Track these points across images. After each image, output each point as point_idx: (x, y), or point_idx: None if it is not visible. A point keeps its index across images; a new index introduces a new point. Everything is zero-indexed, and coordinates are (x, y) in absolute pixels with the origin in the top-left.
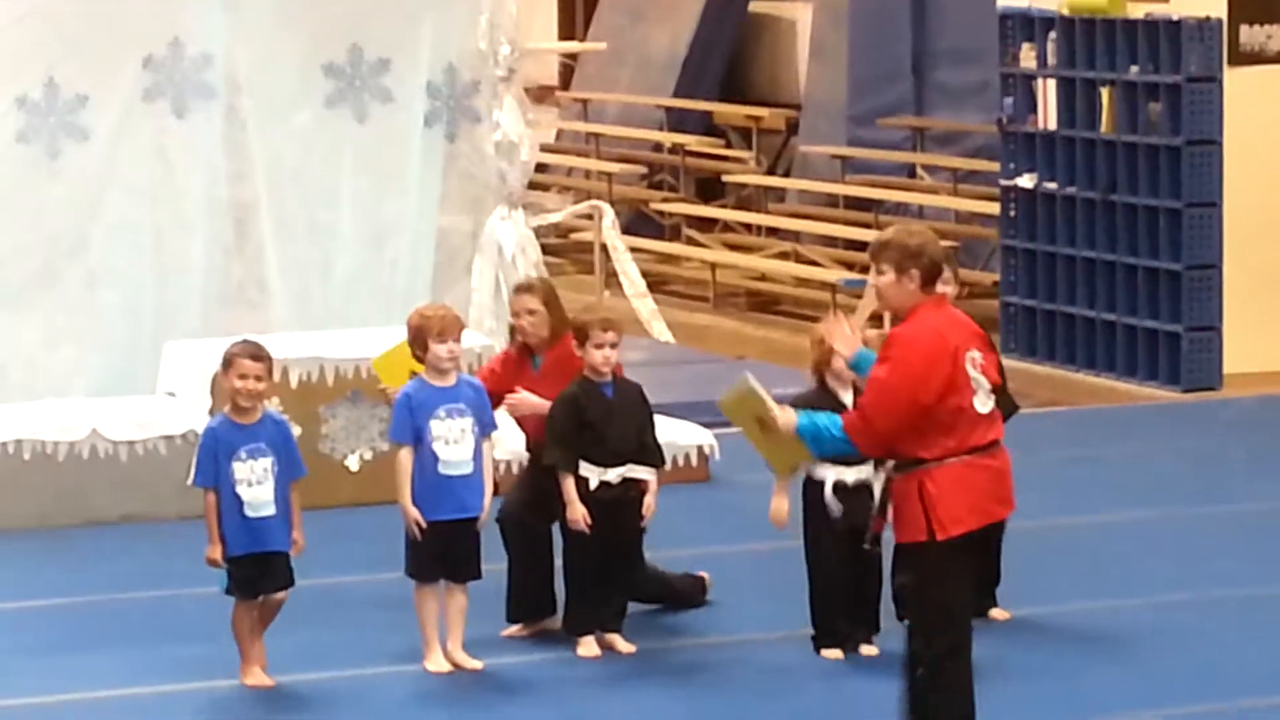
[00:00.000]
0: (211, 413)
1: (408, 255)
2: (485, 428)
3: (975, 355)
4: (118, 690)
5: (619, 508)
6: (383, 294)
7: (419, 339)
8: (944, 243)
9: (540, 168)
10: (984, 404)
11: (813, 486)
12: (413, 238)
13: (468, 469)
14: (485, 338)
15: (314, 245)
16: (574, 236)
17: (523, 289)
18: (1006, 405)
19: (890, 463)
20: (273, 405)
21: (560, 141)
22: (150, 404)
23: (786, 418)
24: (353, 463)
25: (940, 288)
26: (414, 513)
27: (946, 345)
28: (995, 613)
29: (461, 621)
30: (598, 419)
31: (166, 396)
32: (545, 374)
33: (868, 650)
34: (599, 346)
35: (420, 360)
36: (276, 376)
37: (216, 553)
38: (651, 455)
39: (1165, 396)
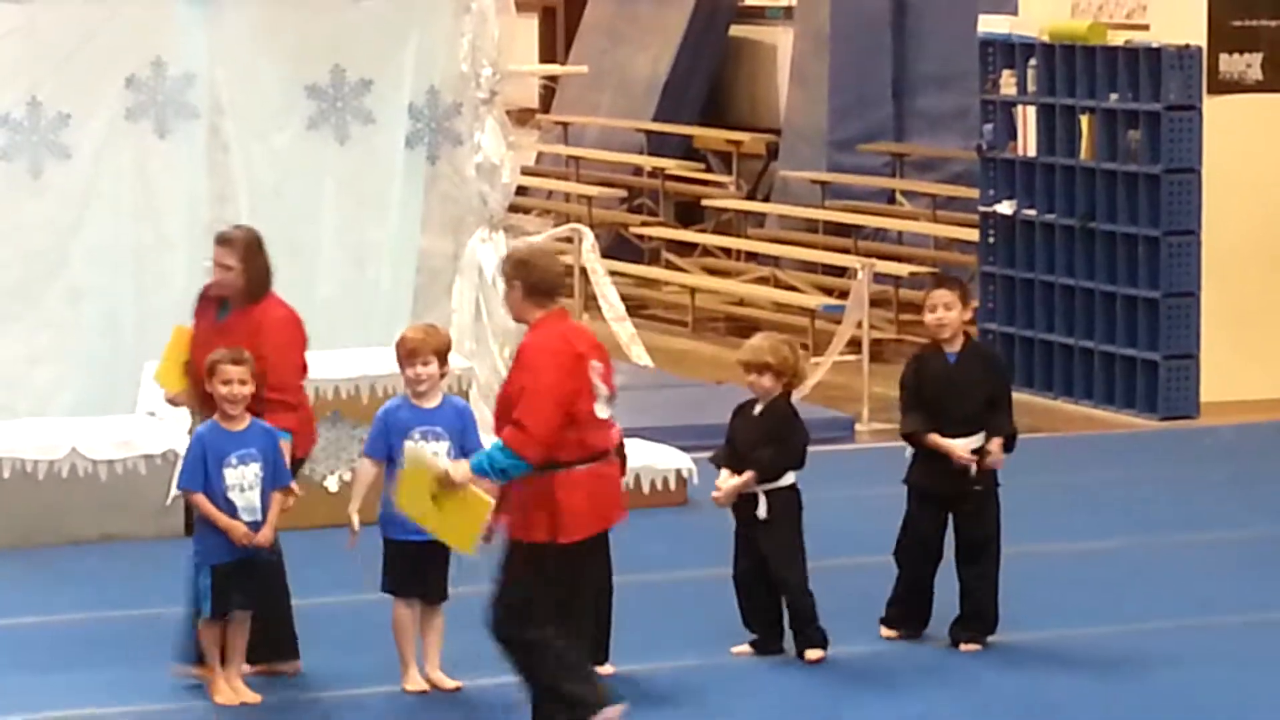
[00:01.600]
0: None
1: (389, 276)
2: (466, 451)
3: (597, 364)
4: (96, 709)
5: None
6: (364, 315)
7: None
8: (923, 270)
9: (520, 190)
10: (603, 410)
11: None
12: (394, 259)
13: None
14: (465, 360)
15: (295, 266)
16: None
17: (222, 241)
18: (1003, 427)
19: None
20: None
21: (540, 164)
22: (130, 423)
23: (460, 468)
24: (332, 483)
25: (936, 314)
26: (355, 522)
27: (574, 351)
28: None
29: (439, 642)
30: None
31: (147, 416)
32: (229, 328)
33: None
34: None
35: None
36: None
37: (241, 526)
38: None
39: (1143, 425)
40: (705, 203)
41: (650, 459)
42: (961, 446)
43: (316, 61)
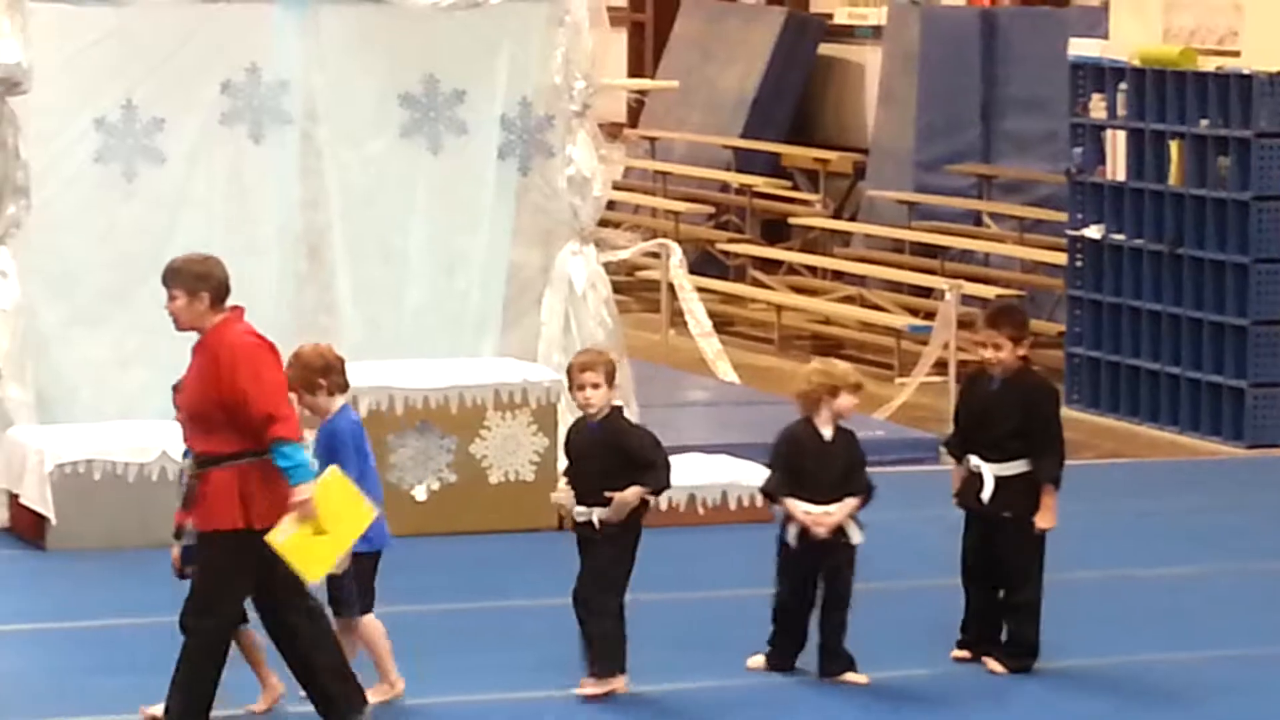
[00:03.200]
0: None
1: (478, 287)
2: None
3: None
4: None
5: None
6: (453, 325)
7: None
8: (1009, 292)
9: (609, 204)
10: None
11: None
12: (484, 270)
13: None
14: (554, 372)
15: (386, 274)
16: (640, 274)
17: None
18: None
19: (192, 457)
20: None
21: (628, 179)
22: None
23: (295, 495)
24: (420, 493)
25: (986, 352)
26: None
27: (270, 345)
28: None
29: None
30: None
31: None
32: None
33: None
34: (580, 388)
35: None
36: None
37: None
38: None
39: (1228, 452)
40: (792, 221)
41: (736, 475)
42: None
43: (410, 71)
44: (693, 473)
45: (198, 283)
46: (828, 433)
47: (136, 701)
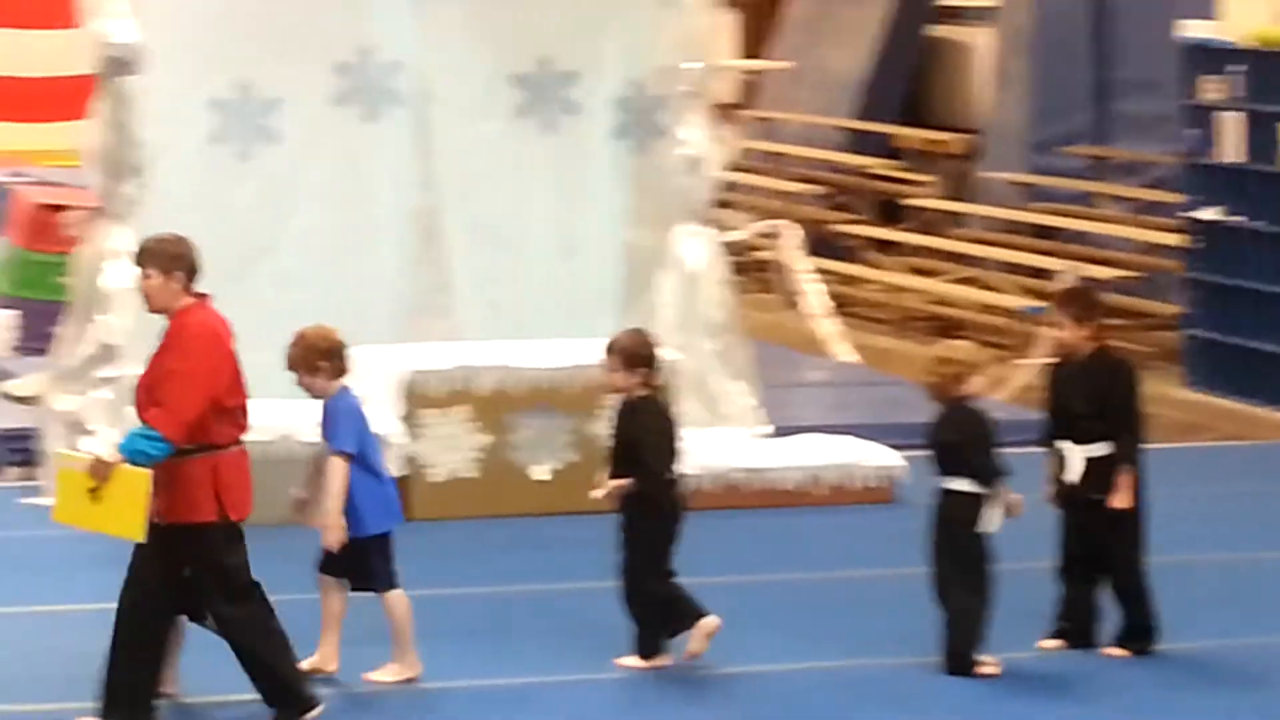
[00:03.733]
0: None
1: (594, 268)
2: None
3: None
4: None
5: None
6: (569, 305)
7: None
8: (1125, 274)
9: (723, 185)
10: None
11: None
12: (599, 250)
13: None
14: (672, 352)
15: (501, 255)
16: (756, 255)
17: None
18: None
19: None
20: None
21: (742, 160)
22: None
23: (110, 451)
24: (541, 472)
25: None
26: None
27: (225, 339)
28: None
29: None
30: None
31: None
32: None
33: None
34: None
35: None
36: (467, 385)
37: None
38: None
39: None
40: (906, 202)
41: (858, 456)
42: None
43: (524, 51)
44: (812, 453)
45: (172, 263)
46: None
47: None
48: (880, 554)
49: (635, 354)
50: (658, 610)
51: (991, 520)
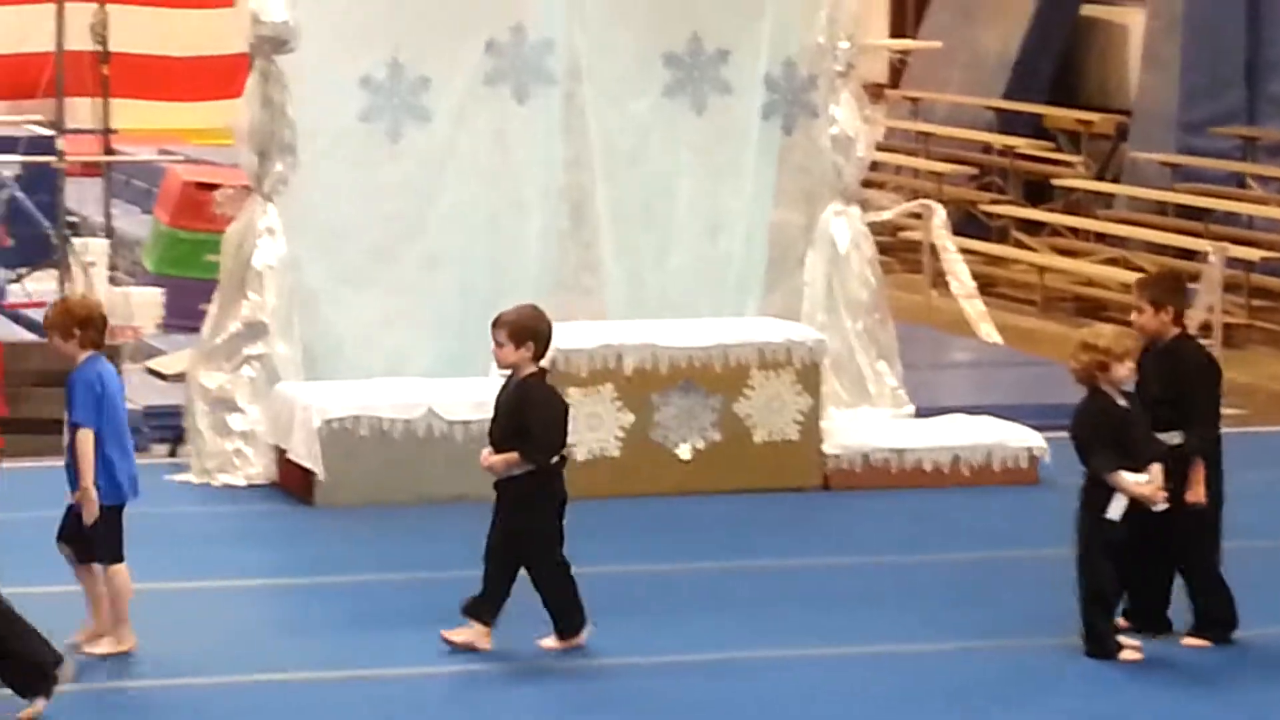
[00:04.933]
0: None
1: (741, 247)
2: None
3: None
4: (453, 667)
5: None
6: (716, 285)
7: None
8: (1271, 254)
9: (871, 165)
10: None
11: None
12: (746, 230)
13: None
14: (817, 332)
15: (648, 233)
16: (902, 235)
17: None
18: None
19: None
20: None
21: (890, 139)
22: (485, 385)
23: None
24: (684, 451)
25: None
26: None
27: None
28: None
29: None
30: None
31: (500, 378)
32: None
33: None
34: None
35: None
36: (611, 364)
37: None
38: None
39: None
40: (1054, 182)
41: (1001, 436)
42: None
43: (674, 30)
44: (956, 434)
45: None
46: (1122, 401)
47: (396, 655)
48: (1022, 535)
49: (523, 328)
50: (562, 584)
51: (1116, 509)
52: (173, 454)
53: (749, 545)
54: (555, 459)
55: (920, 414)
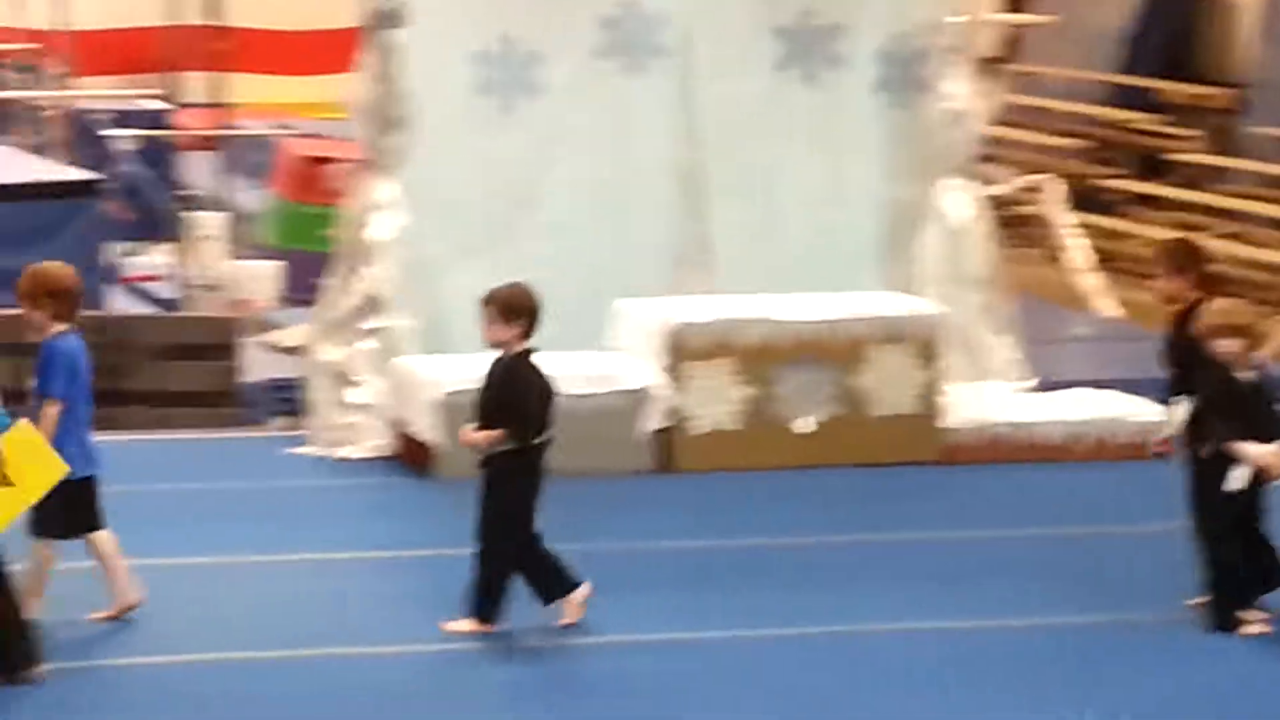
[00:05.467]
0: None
1: (857, 221)
2: None
3: None
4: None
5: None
6: (832, 258)
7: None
8: None
9: (986, 139)
10: None
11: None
12: (861, 204)
13: None
14: (934, 306)
15: (763, 207)
16: (1017, 209)
17: None
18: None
19: None
20: None
21: (1005, 114)
22: (604, 359)
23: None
24: (803, 425)
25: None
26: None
27: None
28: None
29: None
30: None
31: (619, 352)
32: None
33: None
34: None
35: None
36: (730, 338)
37: None
38: None
39: None
40: (1169, 157)
41: (1122, 411)
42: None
43: (786, 4)
44: (1076, 408)
45: None
46: (1246, 374)
47: (518, 626)
48: (1143, 509)
49: (511, 305)
50: (506, 573)
51: (1235, 480)
52: (291, 427)
53: (867, 519)
54: (538, 439)
55: (1040, 388)
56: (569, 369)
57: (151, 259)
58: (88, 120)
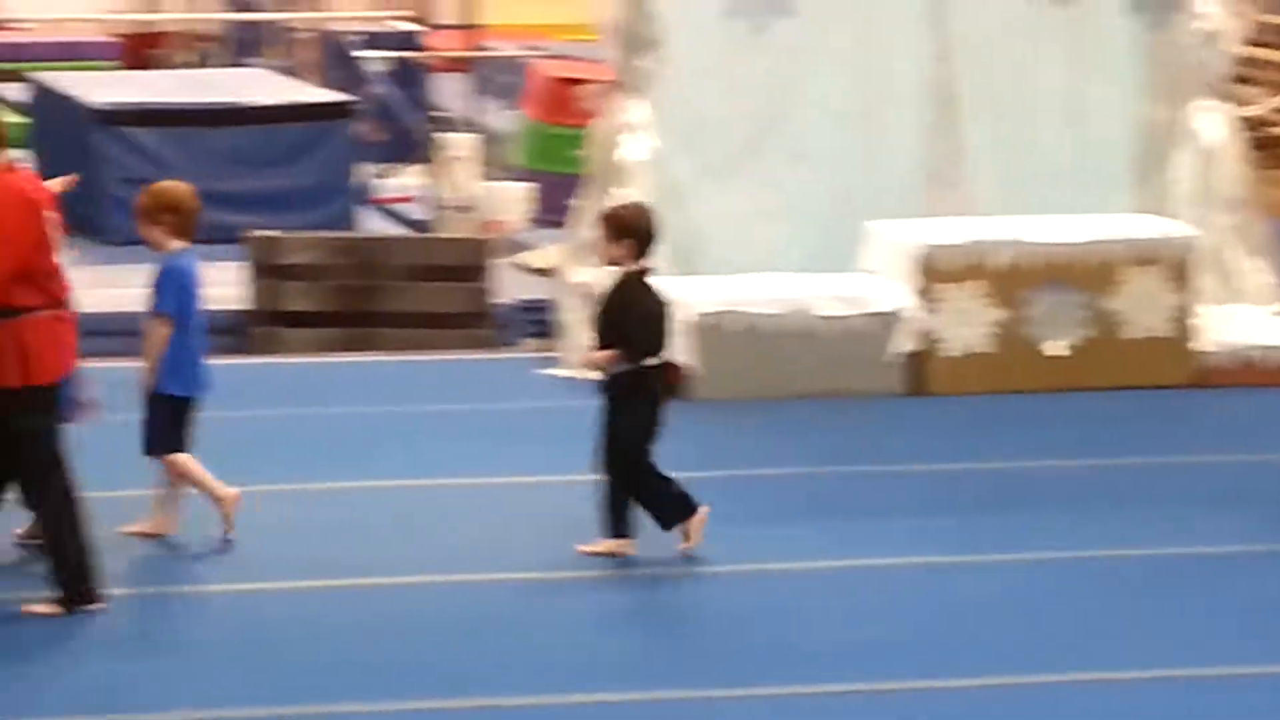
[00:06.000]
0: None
1: (1108, 142)
2: None
3: (51, 215)
4: (818, 562)
5: None
6: (1083, 180)
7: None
8: None
9: (1240, 60)
10: (60, 261)
11: None
12: (1113, 125)
13: None
14: (1187, 228)
15: (1015, 128)
16: (1271, 131)
17: None
18: None
19: None
20: None
21: (1258, 33)
22: (855, 281)
23: None
24: (1054, 348)
25: None
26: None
27: (31, 200)
28: None
29: None
30: None
31: (870, 274)
32: None
33: None
34: None
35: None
36: (982, 260)
37: None
38: None
39: None
40: None
41: None
42: None
43: None
44: None
45: None
46: None
47: (775, 549)
48: None
49: (621, 224)
50: (630, 493)
51: None
52: (542, 349)
53: (1118, 443)
54: (653, 359)
55: None
56: (820, 291)
57: (403, 180)
58: (339, 42)
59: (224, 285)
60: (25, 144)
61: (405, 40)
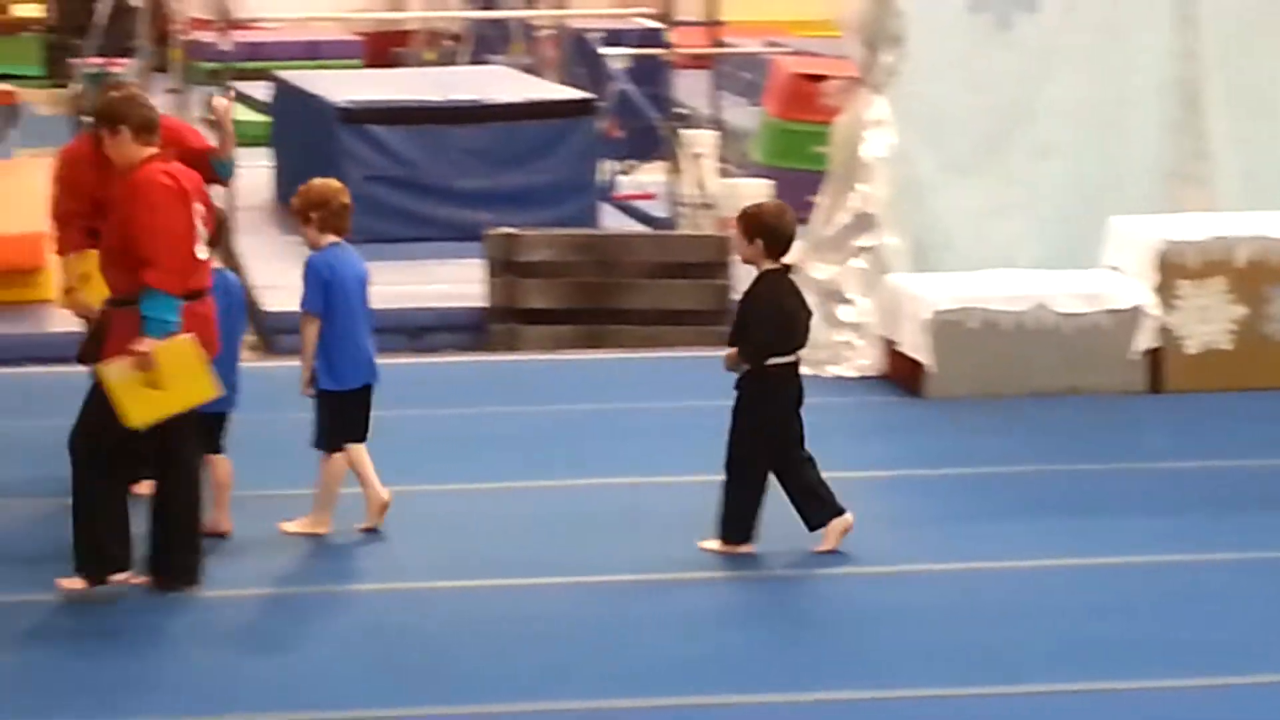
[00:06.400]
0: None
1: None
2: None
3: (199, 206)
4: (1053, 560)
5: None
6: None
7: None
8: None
9: None
10: (203, 251)
11: None
12: None
13: None
14: None
15: (1262, 123)
16: None
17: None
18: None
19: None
20: None
21: None
22: (1095, 278)
23: (141, 343)
24: None
25: None
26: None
27: (183, 190)
28: None
29: None
30: None
31: (1110, 271)
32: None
33: None
34: None
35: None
36: (1223, 256)
37: None
38: None
39: None
40: None
41: None
42: None
43: None
44: None
45: (117, 120)
46: None
47: (1007, 548)
48: None
49: (754, 225)
50: (752, 496)
51: None
52: None
53: None
54: (775, 360)
55: None
56: (1060, 287)
57: (643, 177)
58: (581, 39)
59: (464, 282)
60: (267, 142)
61: (647, 37)
